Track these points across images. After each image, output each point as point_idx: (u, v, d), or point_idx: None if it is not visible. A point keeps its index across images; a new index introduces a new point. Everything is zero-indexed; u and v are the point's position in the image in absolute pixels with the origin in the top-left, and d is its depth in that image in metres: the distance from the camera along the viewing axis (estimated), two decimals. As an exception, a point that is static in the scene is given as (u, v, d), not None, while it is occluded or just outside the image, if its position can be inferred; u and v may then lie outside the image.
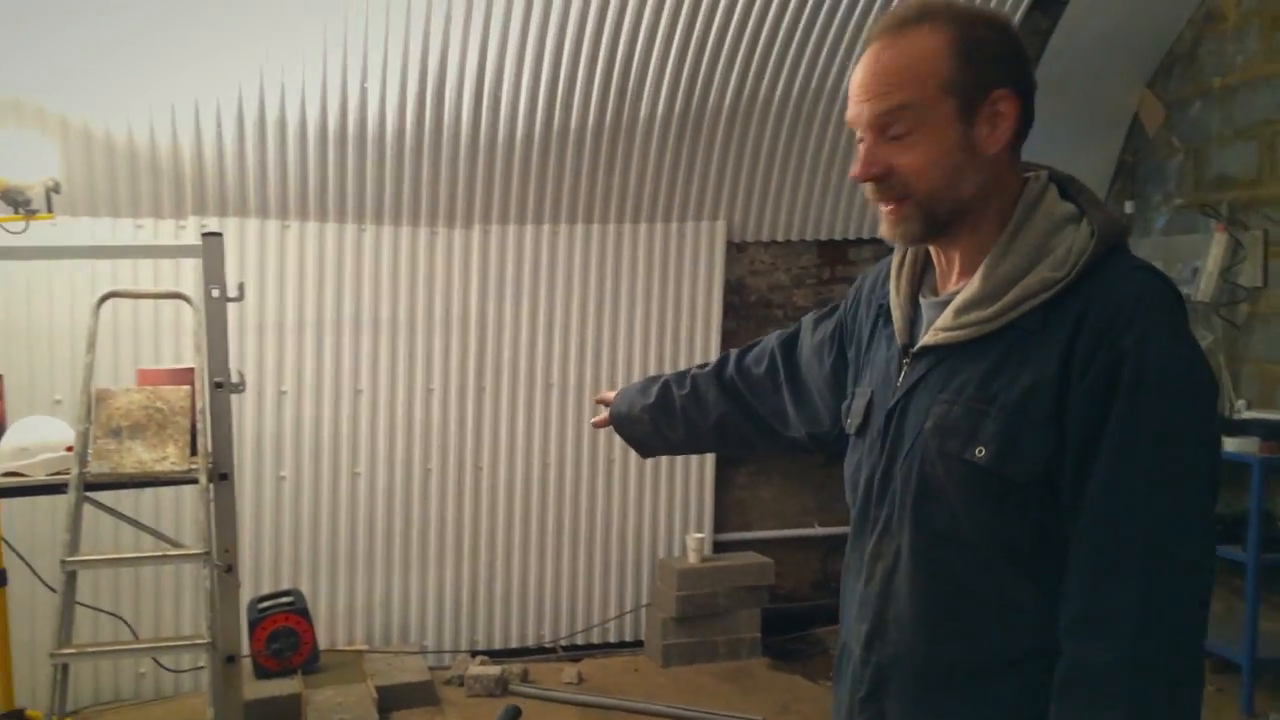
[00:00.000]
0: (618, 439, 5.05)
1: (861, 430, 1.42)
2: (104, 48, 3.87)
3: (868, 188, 1.29)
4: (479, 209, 4.71)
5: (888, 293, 1.43)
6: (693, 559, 4.93)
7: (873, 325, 1.47)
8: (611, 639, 5.10)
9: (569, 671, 4.64)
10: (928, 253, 1.40)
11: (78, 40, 3.82)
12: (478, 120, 4.48)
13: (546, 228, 4.84)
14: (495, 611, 4.95)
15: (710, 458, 5.14)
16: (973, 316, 1.25)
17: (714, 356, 5.06)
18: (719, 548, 5.19)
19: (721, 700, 4.37)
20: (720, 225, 5.05)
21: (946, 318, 1.29)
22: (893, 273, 1.43)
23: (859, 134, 1.29)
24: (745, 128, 4.84)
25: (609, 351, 5.00)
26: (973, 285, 1.26)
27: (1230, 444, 4.29)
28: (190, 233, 4.35)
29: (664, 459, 5.10)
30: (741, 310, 5.22)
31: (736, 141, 4.86)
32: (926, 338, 1.31)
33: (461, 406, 4.83)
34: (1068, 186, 1.30)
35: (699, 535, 4.98)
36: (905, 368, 1.35)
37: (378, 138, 4.41)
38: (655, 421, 1.87)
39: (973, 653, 1.27)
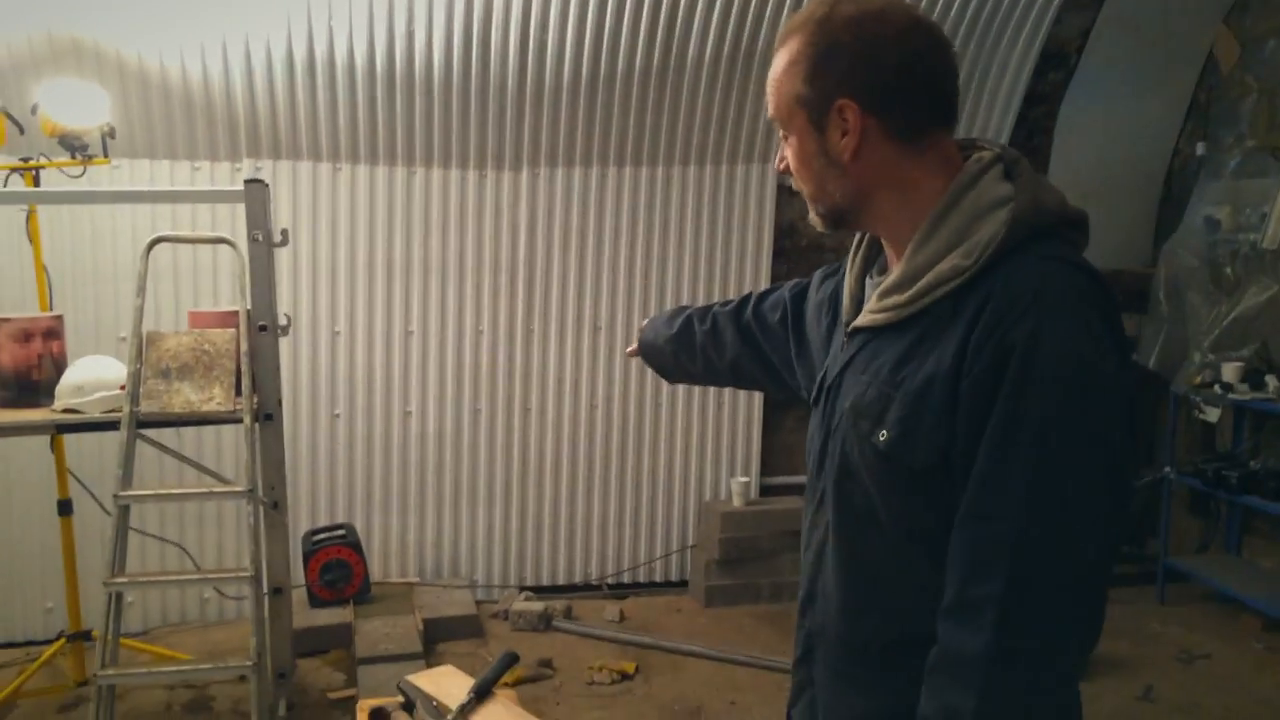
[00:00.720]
0: (665, 384, 5.11)
1: (815, 401, 1.45)
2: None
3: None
4: (527, 152, 4.73)
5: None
6: (737, 502, 4.97)
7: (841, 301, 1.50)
8: (657, 578, 5.19)
9: (611, 610, 4.75)
10: None
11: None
12: (525, 63, 4.48)
13: (595, 170, 4.84)
14: (543, 549, 5.06)
15: (758, 402, 5.15)
16: (891, 301, 1.26)
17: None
18: (766, 491, 5.22)
19: (759, 643, 4.43)
20: (771, 168, 5.00)
21: (873, 300, 1.31)
22: (850, 251, 1.45)
23: None
24: (797, 68, 4.75)
25: (657, 295, 5.01)
26: (898, 269, 1.27)
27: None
28: (245, 175, 4.44)
29: (712, 401, 5.13)
30: (793, 254, 5.18)
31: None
32: (859, 319, 1.33)
33: (510, 348, 4.90)
34: (1012, 168, 1.26)
35: (743, 479, 5.01)
36: (844, 346, 1.37)
37: (425, 81, 4.44)
38: (676, 353, 1.93)
39: (885, 629, 1.30)
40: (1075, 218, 1.24)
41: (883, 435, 1.22)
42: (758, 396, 5.15)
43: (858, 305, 1.39)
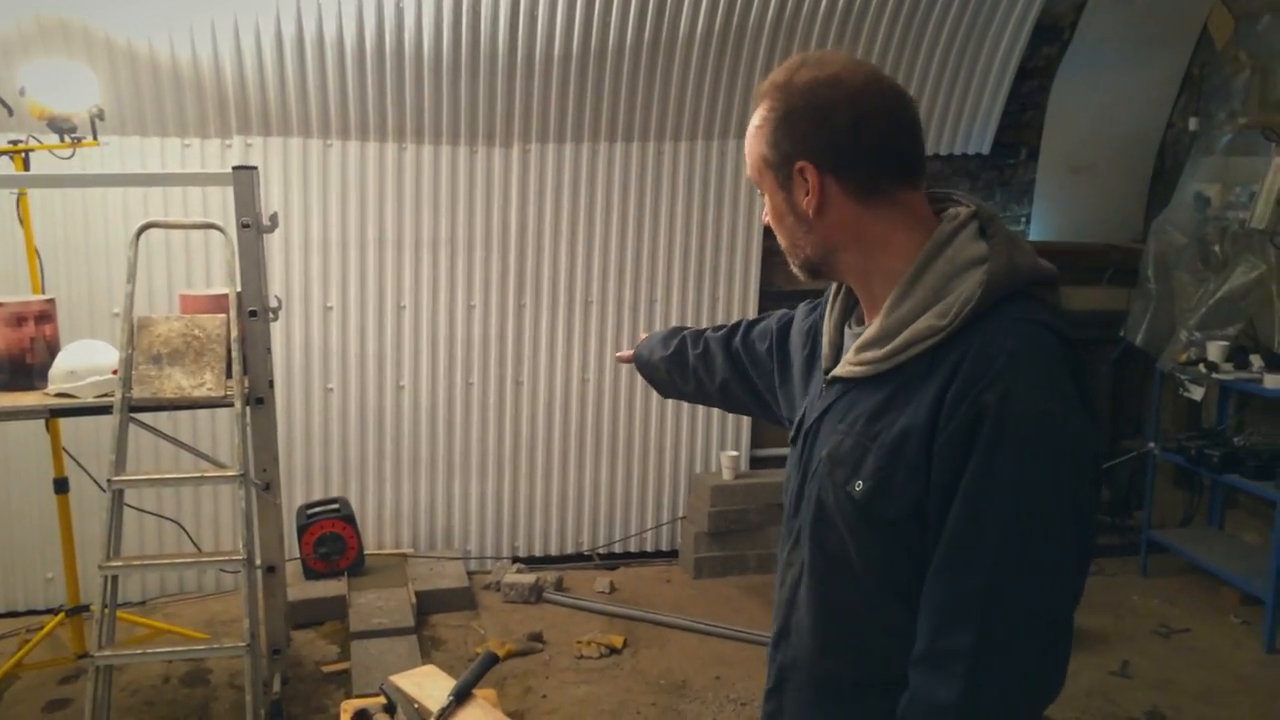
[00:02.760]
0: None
1: (793, 441, 1.50)
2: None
3: None
4: (518, 127, 4.72)
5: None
6: (726, 475, 5.03)
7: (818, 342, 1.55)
8: (648, 549, 5.27)
9: (602, 581, 4.83)
10: None
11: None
12: (515, 38, 4.47)
13: (586, 146, 4.84)
14: (535, 520, 5.14)
15: (748, 375, 5.19)
16: (868, 355, 1.31)
17: (754, 275, 5.08)
18: (756, 464, 5.28)
19: (745, 615, 4.51)
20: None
21: (851, 352, 1.35)
22: (829, 298, 1.51)
23: None
24: (789, 43, 4.74)
25: (648, 269, 5.03)
26: (875, 324, 1.31)
27: (1271, 380, 4.23)
28: (235, 151, 4.47)
29: (702, 376, 5.16)
30: (784, 228, 5.18)
31: (780, 58, 4.77)
32: (837, 369, 1.38)
33: (502, 322, 4.94)
34: (988, 226, 1.30)
35: (733, 453, 5.06)
36: (823, 393, 1.42)
37: (415, 56, 4.43)
38: (670, 371, 1.99)
39: (855, 669, 1.35)
40: (1047, 276, 1.28)
41: (858, 485, 1.27)
42: (748, 370, 5.19)
43: (836, 352, 1.44)
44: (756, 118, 1.35)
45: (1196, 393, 4.75)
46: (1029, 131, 5.39)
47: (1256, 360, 4.48)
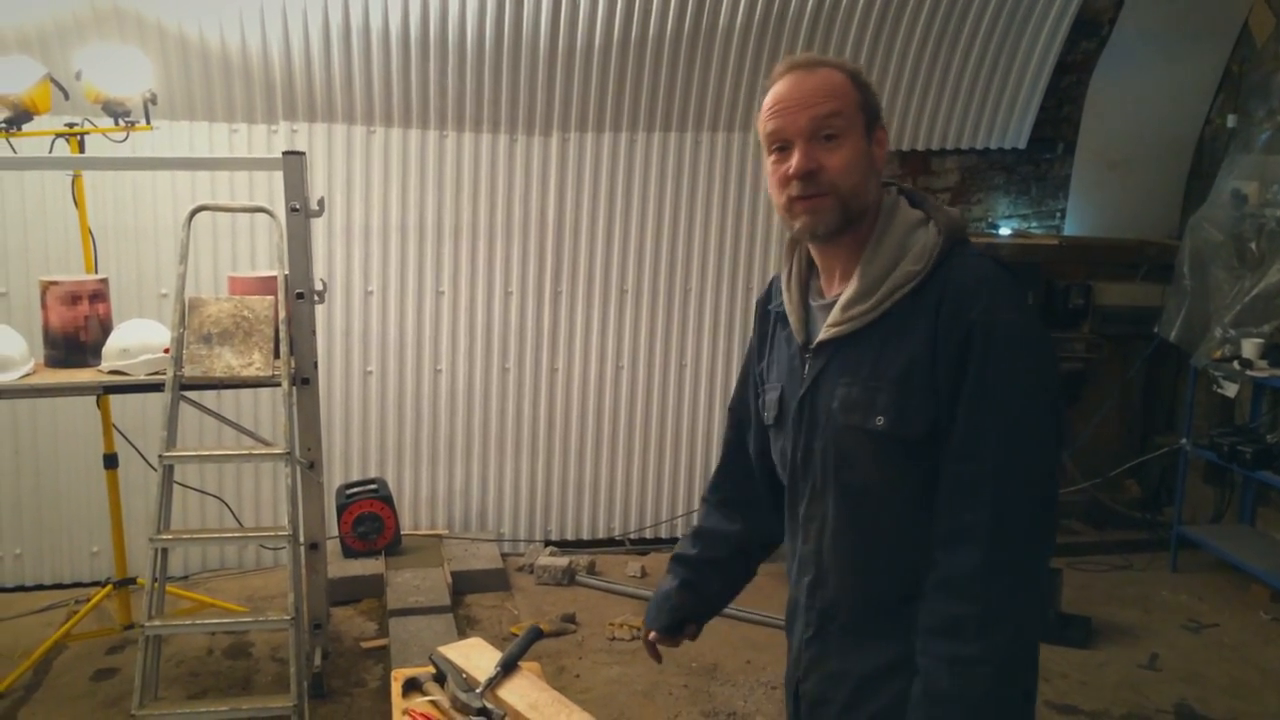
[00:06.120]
0: (690, 347, 5.18)
1: (779, 420, 1.65)
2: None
3: (794, 186, 1.48)
4: (558, 116, 4.78)
5: (782, 301, 1.66)
6: (758, 464, 5.07)
7: (772, 331, 1.72)
8: (678, 534, 5.32)
9: (633, 565, 4.89)
10: (812, 262, 1.63)
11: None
12: (557, 27, 4.53)
13: (625, 135, 4.90)
14: (568, 504, 5.21)
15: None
16: (855, 311, 1.50)
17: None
18: (786, 452, 5.31)
19: (775, 601, 4.52)
20: (799, 134, 5.02)
21: (835, 314, 1.53)
22: (784, 282, 1.67)
23: (780, 145, 1.50)
24: (827, 36, 4.77)
25: (683, 259, 5.09)
26: (853, 285, 1.51)
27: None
28: (281, 137, 4.56)
29: (735, 363, 5.21)
30: (819, 219, 5.21)
31: (818, 50, 4.80)
32: (822, 334, 1.55)
33: (539, 309, 5.01)
34: (914, 197, 1.56)
35: (765, 441, 5.10)
36: (807, 362, 1.58)
37: (458, 45, 4.50)
38: (685, 590, 1.89)
39: (892, 584, 1.54)
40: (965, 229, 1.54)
41: (879, 420, 1.47)
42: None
43: (806, 326, 1.59)
44: (839, 73, 1.49)
45: (1230, 389, 4.75)
46: (1066, 126, 5.39)
47: (1291, 358, 4.47)
